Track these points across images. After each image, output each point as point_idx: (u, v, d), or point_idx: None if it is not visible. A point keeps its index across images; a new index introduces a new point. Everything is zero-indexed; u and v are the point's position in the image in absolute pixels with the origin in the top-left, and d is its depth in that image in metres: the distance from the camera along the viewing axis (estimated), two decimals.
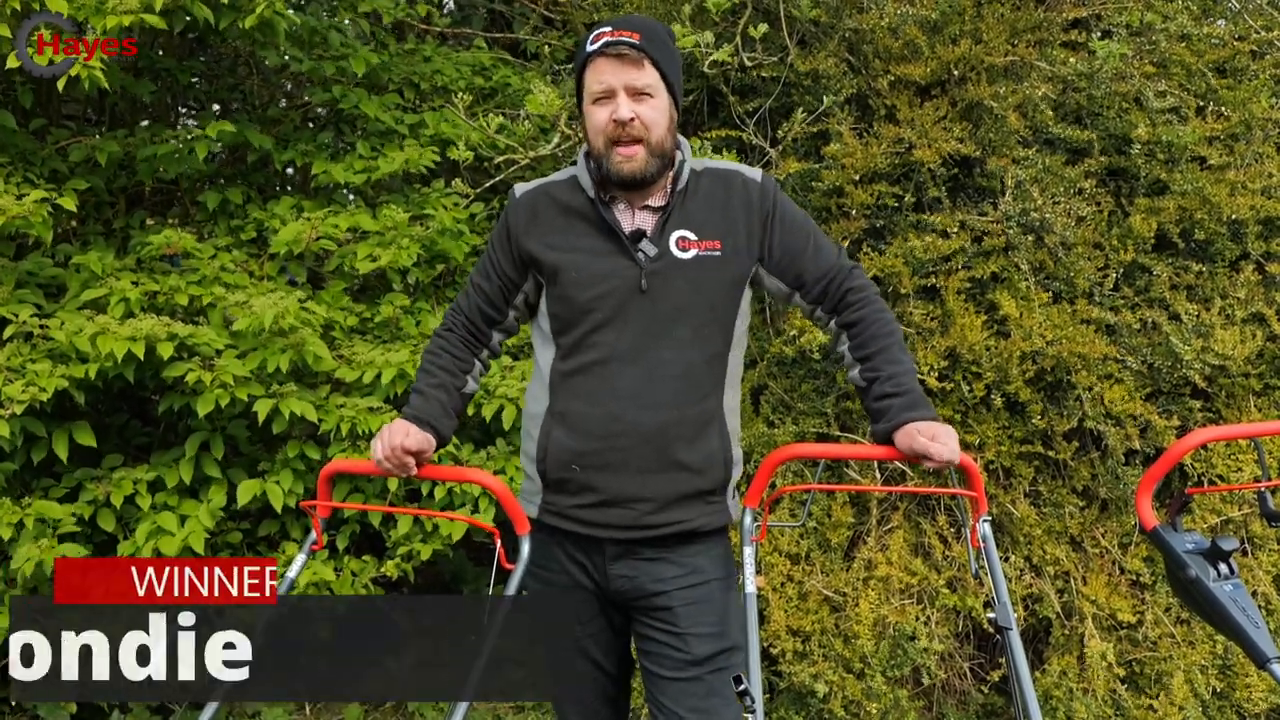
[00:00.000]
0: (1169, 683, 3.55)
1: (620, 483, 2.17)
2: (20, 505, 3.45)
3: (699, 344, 2.19)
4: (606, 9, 4.31)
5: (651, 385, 2.15)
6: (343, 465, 2.45)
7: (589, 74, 2.17)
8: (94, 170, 4.13)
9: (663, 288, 2.17)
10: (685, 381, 2.17)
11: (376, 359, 3.75)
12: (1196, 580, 2.15)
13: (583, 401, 2.18)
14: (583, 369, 2.19)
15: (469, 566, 4.94)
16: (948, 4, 3.78)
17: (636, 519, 2.18)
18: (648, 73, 2.14)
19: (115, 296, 3.62)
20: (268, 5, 3.63)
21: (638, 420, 2.15)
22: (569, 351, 2.21)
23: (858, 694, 3.47)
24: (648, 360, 2.16)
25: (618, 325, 2.17)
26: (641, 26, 2.15)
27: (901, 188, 3.78)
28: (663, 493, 2.17)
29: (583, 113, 2.23)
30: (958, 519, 3.69)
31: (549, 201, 2.27)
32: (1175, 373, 3.64)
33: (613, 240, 2.19)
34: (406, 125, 4.61)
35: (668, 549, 2.22)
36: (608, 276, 2.17)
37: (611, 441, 2.16)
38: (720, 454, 2.22)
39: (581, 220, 2.23)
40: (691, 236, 2.20)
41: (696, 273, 2.18)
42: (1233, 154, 3.82)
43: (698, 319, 2.19)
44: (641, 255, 2.17)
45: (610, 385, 2.16)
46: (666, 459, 2.16)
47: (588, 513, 2.21)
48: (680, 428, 2.16)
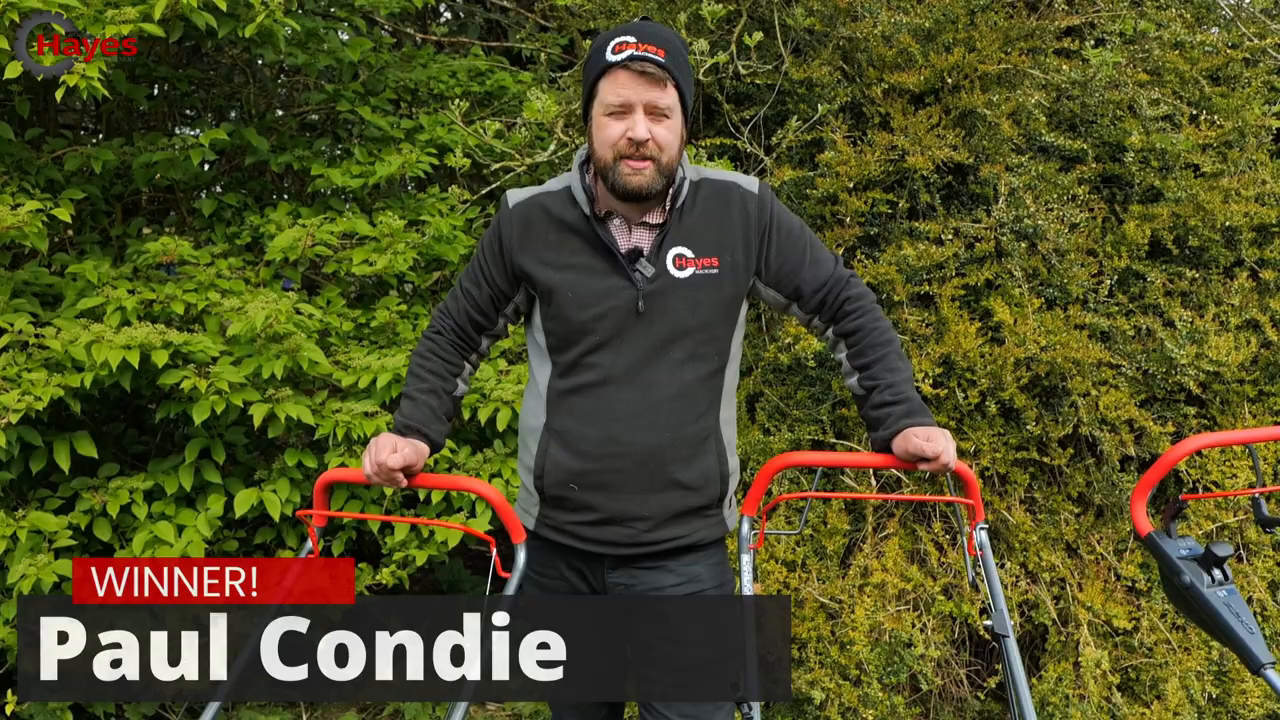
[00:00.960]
0: (1164, 689, 3.55)
1: (618, 502, 2.17)
2: (15, 517, 3.44)
3: (696, 363, 2.18)
4: (603, 16, 4.31)
5: (649, 407, 2.14)
6: (338, 475, 2.45)
7: (606, 84, 2.08)
8: (90, 179, 4.13)
9: (660, 309, 2.14)
10: (682, 402, 2.17)
11: (373, 364, 3.75)
12: (1191, 586, 2.15)
13: (580, 422, 2.17)
14: (580, 389, 2.18)
15: (466, 575, 4.94)
16: (941, 12, 3.79)
17: (634, 536, 2.18)
18: (669, 94, 2.08)
19: (112, 305, 3.62)
20: (267, 14, 3.64)
21: (635, 442, 2.14)
22: (566, 370, 2.20)
23: (854, 701, 3.47)
24: (645, 382, 2.15)
25: (615, 347, 2.15)
26: (666, 42, 2.08)
27: (895, 195, 3.79)
28: (660, 511, 2.17)
29: (589, 119, 2.16)
30: (954, 526, 3.70)
31: (543, 215, 2.21)
32: (1170, 379, 3.65)
33: (608, 259, 2.15)
34: (403, 129, 4.62)
35: (666, 559, 2.23)
36: (604, 297, 2.14)
37: (609, 463, 2.16)
38: (716, 470, 2.21)
39: (576, 236, 2.18)
40: (688, 254, 2.16)
41: (693, 292, 2.15)
42: (1226, 161, 3.84)
43: (695, 339, 2.17)
44: (639, 275, 2.13)
45: (608, 407, 2.15)
46: (664, 479, 2.16)
47: (586, 529, 2.21)
48: (677, 448, 2.16)
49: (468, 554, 5.22)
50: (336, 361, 3.88)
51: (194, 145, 4.05)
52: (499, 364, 4.02)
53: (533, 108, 3.80)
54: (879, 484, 3.77)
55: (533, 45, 5.12)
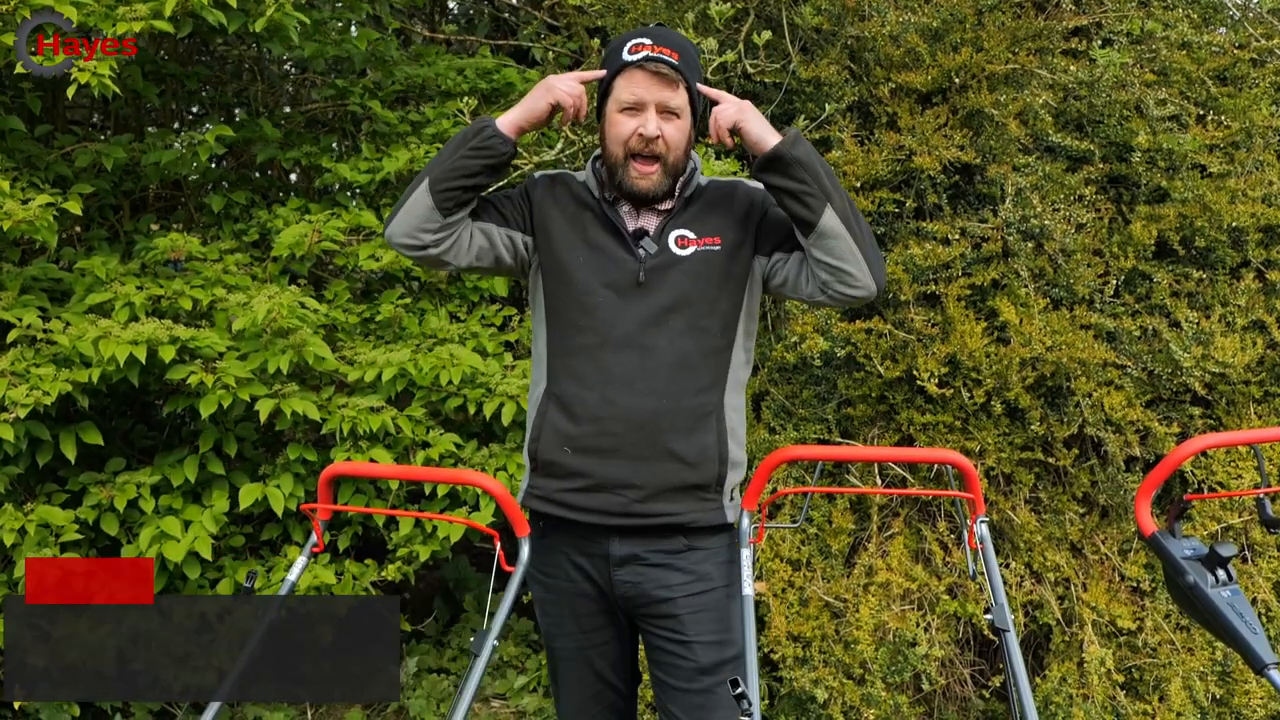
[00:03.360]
0: (1168, 689, 3.55)
1: (610, 468, 2.19)
2: (23, 511, 3.46)
3: (695, 335, 2.22)
4: (611, 15, 4.32)
5: (645, 371, 2.18)
6: (343, 468, 2.46)
7: (621, 82, 2.22)
8: (99, 175, 4.15)
9: (660, 281, 2.22)
10: (679, 370, 2.20)
11: (378, 358, 3.77)
12: (1195, 586, 2.15)
13: (577, 384, 2.22)
14: (577, 351, 2.23)
15: (471, 572, 4.96)
16: (949, 12, 3.80)
17: (625, 506, 2.19)
18: (680, 95, 2.22)
19: (120, 301, 3.63)
20: (277, 7, 3.65)
21: (630, 405, 2.18)
22: (565, 332, 2.26)
23: (857, 700, 3.48)
24: (642, 346, 2.20)
25: (614, 312, 2.21)
26: (680, 46, 2.23)
27: (902, 194, 3.80)
28: (652, 481, 2.19)
29: (602, 117, 2.28)
30: (958, 525, 3.70)
31: (566, 189, 2.35)
32: (1175, 380, 3.65)
33: (615, 236, 2.27)
34: (409, 123, 4.64)
35: (672, 554, 2.23)
36: (607, 268, 2.24)
37: (603, 425, 2.19)
38: (715, 449, 2.22)
39: (589, 213, 2.31)
40: (690, 235, 2.27)
41: (695, 267, 2.24)
42: (1233, 162, 3.83)
43: (695, 310, 2.23)
44: (642, 251, 2.24)
45: (605, 369, 2.20)
46: (658, 447, 2.18)
47: (575, 497, 2.22)
48: (674, 417, 2.19)
49: (472, 550, 5.23)
50: (342, 356, 3.89)
51: (202, 142, 4.07)
52: (505, 358, 4.04)
53: None
54: (883, 481, 3.78)
55: (542, 45, 5.13)
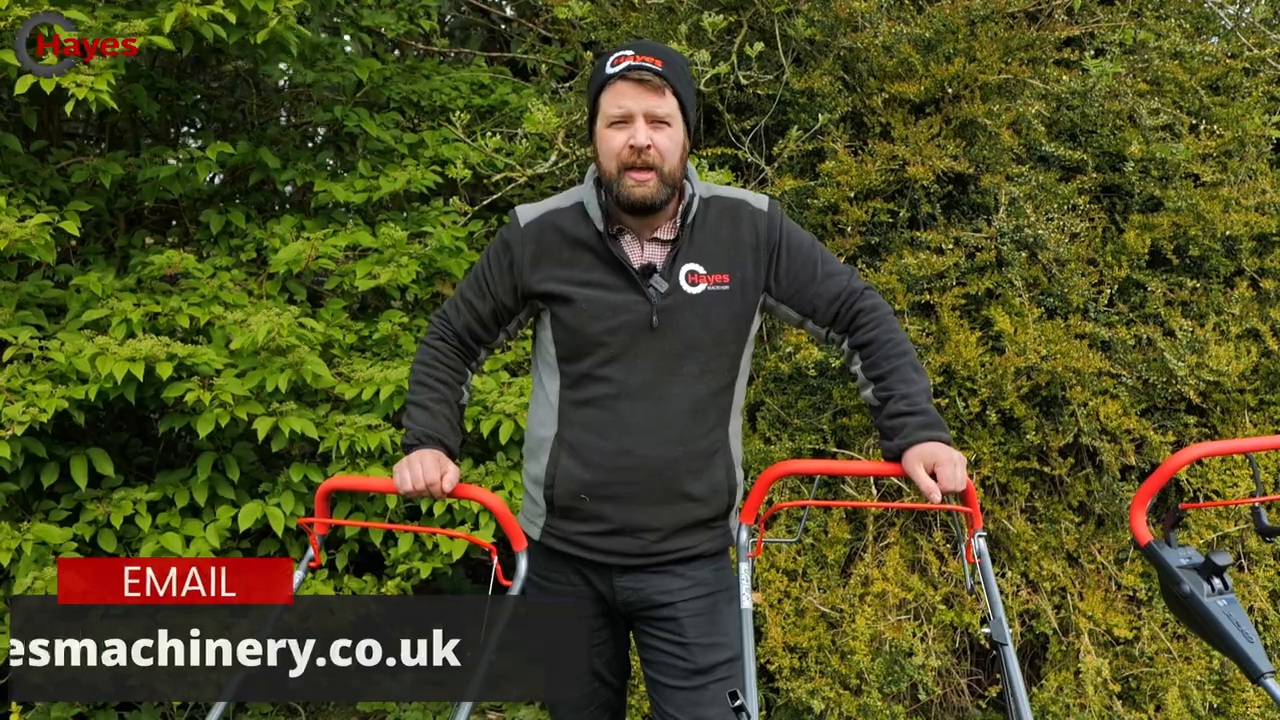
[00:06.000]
0: (1164, 698, 3.55)
1: (629, 514, 2.20)
2: (20, 529, 3.46)
3: (707, 378, 2.20)
4: (604, 27, 4.34)
5: (662, 420, 2.17)
6: (340, 482, 2.46)
7: (607, 97, 2.14)
8: (95, 191, 4.14)
9: (673, 324, 2.17)
10: (694, 415, 2.20)
11: (375, 376, 3.77)
12: (1190, 595, 2.15)
13: (594, 434, 2.19)
14: (593, 401, 2.19)
15: (469, 586, 4.94)
16: (941, 23, 3.81)
17: (643, 548, 2.21)
18: (668, 101, 2.13)
19: (116, 317, 3.63)
20: (279, 20, 3.64)
21: (648, 455, 2.17)
22: (578, 382, 2.22)
23: (854, 711, 3.48)
24: (658, 395, 2.17)
25: (628, 360, 2.17)
26: (663, 54, 2.15)
27: (896, 204, 3.81)
28: (669, 523, 2.21)
29: (594, 135, 2.20)
30: (954, 535, 3.70)
31: (555, 233, 2.23)
32: (1170, 388, 3.66)
33: (622, 275, 2.18)
34: (406, 145, 4.63)
35: (673, 564, 2.25)
36: (618, 311, 2.16)
37: (622, 475, 2.18)
38: (725, 483, 2.25)
39: (589, 253, 2.20)
40: (701, 270, 2.20)
41: (705, 308, 2.19)
42: (1226, 171, 3.85)
43: (706, 353, 2.20)
44: (653, 291, 2.16)
45: (622, 420, 2.17)
46: (675, 491, 2.19)
47: (595, 540, 2.23)
48: (689, 461, 2.19)
49: (470, 565, 5.22)
50: (339, 374, 3.89)
51: (200, 159, 4.07)
52: (501, 376, 4.03)
53: (534, 120, 3.83)
54: (879, 493, 3.78)
55: (536, 58, 5.14)
